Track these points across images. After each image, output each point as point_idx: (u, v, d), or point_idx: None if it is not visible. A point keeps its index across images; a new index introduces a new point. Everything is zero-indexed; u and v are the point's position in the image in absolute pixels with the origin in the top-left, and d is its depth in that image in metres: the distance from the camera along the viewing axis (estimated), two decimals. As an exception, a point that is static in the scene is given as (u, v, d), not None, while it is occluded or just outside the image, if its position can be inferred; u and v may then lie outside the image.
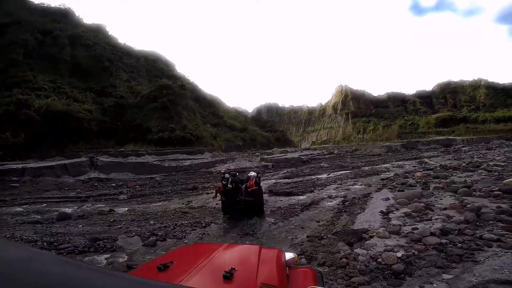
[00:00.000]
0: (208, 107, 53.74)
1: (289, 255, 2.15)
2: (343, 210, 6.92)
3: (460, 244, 3.86)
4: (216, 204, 9.03)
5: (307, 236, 5.28)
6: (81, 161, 18.42)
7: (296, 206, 7.79)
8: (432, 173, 10.74)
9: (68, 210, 8.70)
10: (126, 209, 8.96)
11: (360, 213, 6.17)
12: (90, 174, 17.72)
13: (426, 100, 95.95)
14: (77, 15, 45.92)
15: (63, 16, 41.34)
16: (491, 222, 4.59)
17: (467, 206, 5.38)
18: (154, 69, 51.56)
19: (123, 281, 0.71)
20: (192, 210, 8.18)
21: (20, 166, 15.39)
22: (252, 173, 7.64)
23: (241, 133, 52.00)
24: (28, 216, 7.87)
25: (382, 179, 11.91)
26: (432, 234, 4.06)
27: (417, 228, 4.32)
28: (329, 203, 8.14)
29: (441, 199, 6.35)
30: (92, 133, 25.25)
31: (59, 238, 5.78)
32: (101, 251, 5.17)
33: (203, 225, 6.54)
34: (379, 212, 5.73)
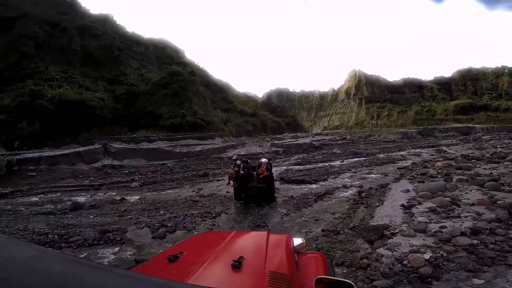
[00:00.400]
0: (219, 93, 53.56)
1: (297, 241, 2.11)
2: (359, 202, 6.58)
3: (492, 246, 3.49)
4: (227, 192, 8.91)
5: (322, 230, 4.99)
6: (95, 148, 18.66)
7: (309, 196, 7.49)
8: (453, 164, 10.14)
9: (82, 199, 8.79)
10: (137, 197, 8.95)
11: (379, 206, 5.81)
12: (104, 161, 17.96)
13: (444, 86, 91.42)
14: (83, 6, 46.42)
15: (70, 7, 41.65)
16: (525, 220, 4.16)
17: (498, 202, 4.93)
18: (163, 56, 51.50)
19: (123, 278, 0.72)
20: (203, 199, 8.04)
21: (36, 155, 15.64)
22: (264, 160, 7.73)
23: (252, 118, 51.68)
24: (42, 207, 7.96)
25: (399, 168, 11.41)
26: (462, 233, 3.68)
27: (445, 227, 3.95)
28: (344, 193, 7.80)
29: (467, 193, 5.89)
30: (105, 120, 25.64)
31: (70, 230, 5.77)
32: (111, 244, 5.11)
33: (213, 215, 6.39)
34: (400, 206, 5.35)
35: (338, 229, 4.94)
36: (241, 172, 7.45)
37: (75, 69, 31.22)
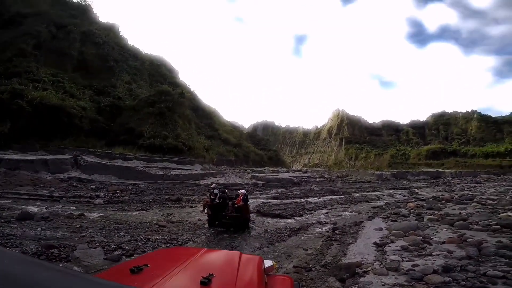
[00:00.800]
0: (205, 119, 53.45)
1: (268, 263, 2.10)
2: (333, 239, 6.47)
3: (463, 282, 3.44)
4: (199, 219, 8.53)
5: (294, 267, 4.78)
6: (64, 158, 17.69)
7: (284, 231, 7.28)
8: (425, 204, 10.43)
9: (34, 210, 8.07)
10: (99, 215, 8.38)
11: (352, 243, 5.71)
12: (71, 173, 16.98)
13: (419, 130, 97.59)
14: (94, 12, 46.31)
15: (82, 12, 41.58)
16: (493, 257, 4.21)
17: (467, 240, 5.02)
18: (157, 74, 51.27)
19: (88, 283, 0.71)
20: (171, 224, 7.58)
21: (-4, 156, 14.68)
22: (242, 191, 7.92)
23: (235, 148, 51.57)
24: (-16, 212, 7.20)
25: (373, 207, 11.60)
26: (434, 271, 3.62)
27: (418, 265, 3.89)
28: (318, 229, 7.67)
29: (437, 232, 5.96)
30: (82, 130, 24.40)
31: (8, 240, 5.19)
32: (53, 261, 4.56)
33: (179, 242, 5.97)
34: (373, 244, 5.28)
35: (310, 265, 4.75)
36: (216, 200, 7.51)
37: (66, 73, 30.32)
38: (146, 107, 31.42)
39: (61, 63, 31.24)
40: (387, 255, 4.47)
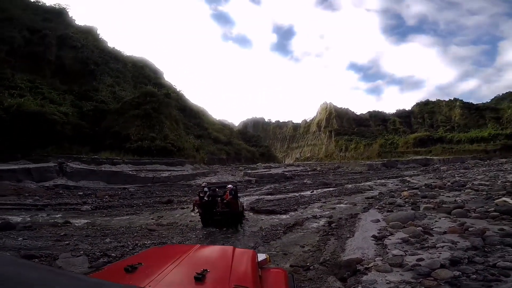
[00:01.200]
0: (194, 118, 52.79)
1: (261, 256, 2.13)
2: (329, 233, 6.25)
3: (474, 276, 3.24)
4: (190, 221, 8.24)
5: (291, 266, 4.53)
6: (48, 166, 17.09)
7: (279, 228, 7.04)
8: (419, 193, 10.39)
9: (17, 219, 7.69)
10: (86, 221, 8.05)
11: (349, 237, 5.49)
12: (57, 180, 16.45)
13: (405, 119, 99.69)
14: (70, 15, 44.64)
15: (57, 15, 39.81)
16: (499, 247, 4.04)
17: (469, 229, 4.85)
18: (141, 75, 50.49)
19: (81, 282, 0.73)
20: (160, 228, 7.23)
21: (-26, 168, 14.04)
22: (229, 186, 7.99)
23: (226, 146, 51.15)
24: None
25: (367, 198, 11.53)
26: (442, 266, 3.41)
27: (423, 259, 3.65)
28: (314, 224, 7.46)
29: (436, 221, 5.83)
30: (65, 137, 23.32)
31: None
32: None
33: (169, 247, 5.61)
34: (372, 237, 5.09)
35: (308, 264, 4.50)
36: (205, 198, 7.55)
37: (45, 79, 29.08)
38: (131, 110, 30.34)
39: (38, 68, 29.99)
40: (388, 249, 4.25)
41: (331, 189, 15.86)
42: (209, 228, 7.23)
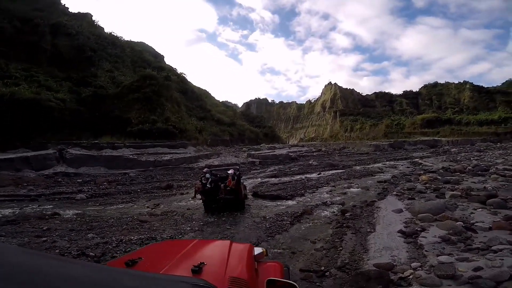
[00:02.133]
0: (196, 100, 52.11)
1: (258, 250, 2.13)
2: (344, 225, 5.39)
3: None
4: (188, 209, 7.54)
5: (301, 270, 3.67)
6: (47, 154, 16.68)
7: (285, 217, 6.19)
8: (439, 177, 9.44)
9: (5, 212, 7.24)
10: (76, 212, 7.52)
11: (370, 231, 4.66)
12: (57, 168, 16.08)
13: (412, 101, 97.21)
14: (63, 3, 44.68)
15: (47, 4, 39.11)
16: None
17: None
18: (140, 60, 50.10)
19: (96, 270, 0.80)
20: (153, 219, 6.53)
21: (-29, 158, 13.72)
22: (230, 171, 7.57)
23: (229, 128, 50.45)
24: None
25: (380, 182, 10.73)
26: (512, 277, 2.54)
27: (481, 267, 2.77)
28: (324, 212, 6.64)
29: (472, 213, 4.96)
30: (65, 123, 23.05)
31: None
32: None
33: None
34: (399, 233, 4.25)
35: (322, 268, 3.66)
36: (208, 185, 7.29)
37: (41, 68, 28.81)
38: (131, 93, 30.08)
39: (33, 57, 29.71)
40: (426, 251, 3.41)
41: (339, 171, 15.04)
42: (207, 218, 6.64)
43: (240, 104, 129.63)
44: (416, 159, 20.79)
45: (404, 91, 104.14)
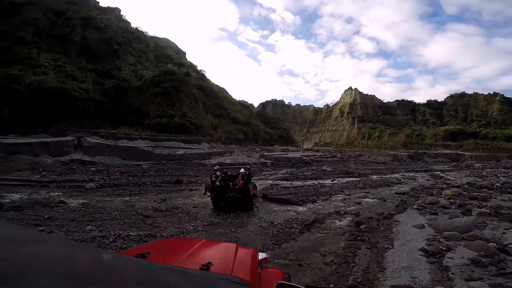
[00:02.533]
0: (213, 98, 52.54)
1: (261, 255, 2.16)
2: (358, 238, 5.00)
3: None
4: (194, 206, 7.47)
5: (307, 286, 3.32)
6: (66, 140, 17.14)
7: (294, 224, 5.83)
8: (464, 192, 8.73)
9: (15, 197, 7.30)
10: (82, 201, 7.58)
11: (388, 247, 4.24)
12: (73, 155, 16.45)
13: (436, 111, 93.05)
14: None
15: None
16: None
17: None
18: (163, 55, 51.18)
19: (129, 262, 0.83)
20: (157, 214, 6.39)
21: (-6, 141, 14.29)
22: (242, 170, 7.61)
23: (244, 127, 50.38)
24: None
25: (398, 193, 10.12)
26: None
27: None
28: (337, 222, 6.21)
29: (504, 233, 4.41)
30: (86, 112, 23.92)
31: None
32: None
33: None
34: (420, 251, 3.82)
35: (331, 285, 3.32)
36: (217, 183, 7.28)
37: (70, 59, 30.14)
38: (152, 87, 30.83)
39: (63, 49, 31.10)
40: (452, 273, 3.00)
41: (354, 179, 14.45)
42: (212, 219, 6.43)
43: (256, 104, 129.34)
44: (436, 172, 19.76)
45: (428, 100, 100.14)
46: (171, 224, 5.65)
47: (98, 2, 46.48)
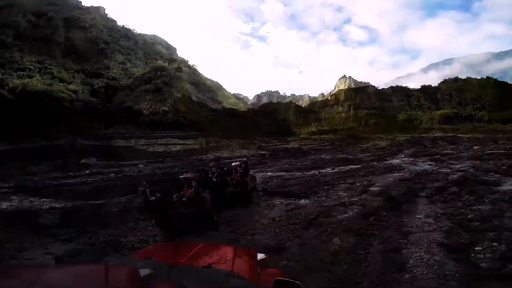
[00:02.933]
0: (207, 92, 52.14)
1: (260, 256, 2.17)
2: (368, 231, 4.54)
3: None
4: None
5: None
6: (59, 144, 17.24)
7: (297, 220, 5.36)
8: (471, 177, 8.34)
9: (2, 206, 7.09)
10: (72, 205, 7.27)
11: (401, 241, 3.84)
12: (68, 159, 16.15)
13: (431, 96, 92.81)
14: None
15: None
16: None
17: None
18: (152, 52, 50.72)
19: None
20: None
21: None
22: (234, 164, 7.78)
23: (240, 120, 49.94)
24: None
25: (402, 180, 9.64)
26: None
27: None
28: (343, 215, 5.73)
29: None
30: (76, 114, 23.38)
31: None
32: None
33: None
34: (440, 245, 3.43)
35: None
36: (214, 179, 7.09)
37: (55, 60, 29.61)
38: (142, 85, 30.65)
39: (47, 50, 30.59)
40: (483, 271, 2.59)
41: (354, 166, 14.05)
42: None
43: (251, 97, 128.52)
44: (437, 156, 19.49)
45: (422, 86, 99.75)
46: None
47: (81, 2, 45.63)
